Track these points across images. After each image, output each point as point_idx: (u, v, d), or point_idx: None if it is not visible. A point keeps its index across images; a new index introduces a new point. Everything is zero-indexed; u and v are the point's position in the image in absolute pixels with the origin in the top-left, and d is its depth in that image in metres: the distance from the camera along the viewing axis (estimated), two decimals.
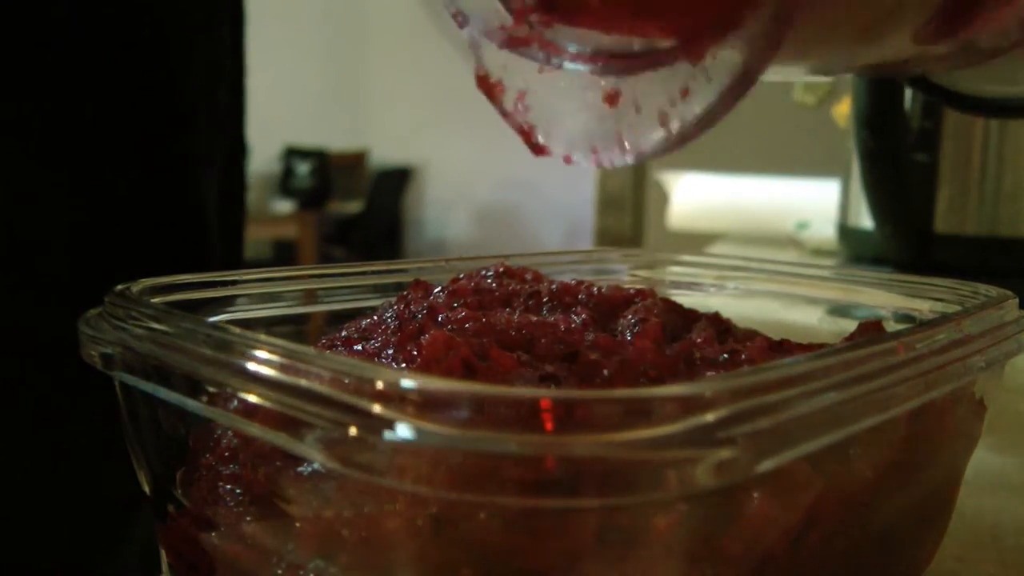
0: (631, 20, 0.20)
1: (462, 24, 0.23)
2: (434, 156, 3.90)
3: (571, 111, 0.23)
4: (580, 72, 0.22)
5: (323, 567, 0.19)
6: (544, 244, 3.66)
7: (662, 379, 0.22)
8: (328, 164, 3.81)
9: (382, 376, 0.17)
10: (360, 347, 0.24)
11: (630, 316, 0.27)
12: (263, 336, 0.20)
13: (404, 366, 0.22)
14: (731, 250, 1.00)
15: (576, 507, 0.16)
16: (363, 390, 0.16)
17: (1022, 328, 0.25)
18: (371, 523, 0.18)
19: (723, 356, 0.24)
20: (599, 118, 0.22)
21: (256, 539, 0.21)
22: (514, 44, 0.22)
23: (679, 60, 0.20)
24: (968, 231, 0.72)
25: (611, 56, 0.22)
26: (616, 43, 0.21)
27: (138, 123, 0.48)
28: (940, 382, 0.22)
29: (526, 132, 0.23)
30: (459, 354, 0.21)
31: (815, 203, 1.17)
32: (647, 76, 0.21)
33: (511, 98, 0.23)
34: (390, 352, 0.23)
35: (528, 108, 0.23)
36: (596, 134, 0.22)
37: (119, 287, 0.25)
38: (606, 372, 0.22)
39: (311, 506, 0.19)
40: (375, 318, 0.27)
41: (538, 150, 0.23)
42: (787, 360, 0.19)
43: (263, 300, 0.30)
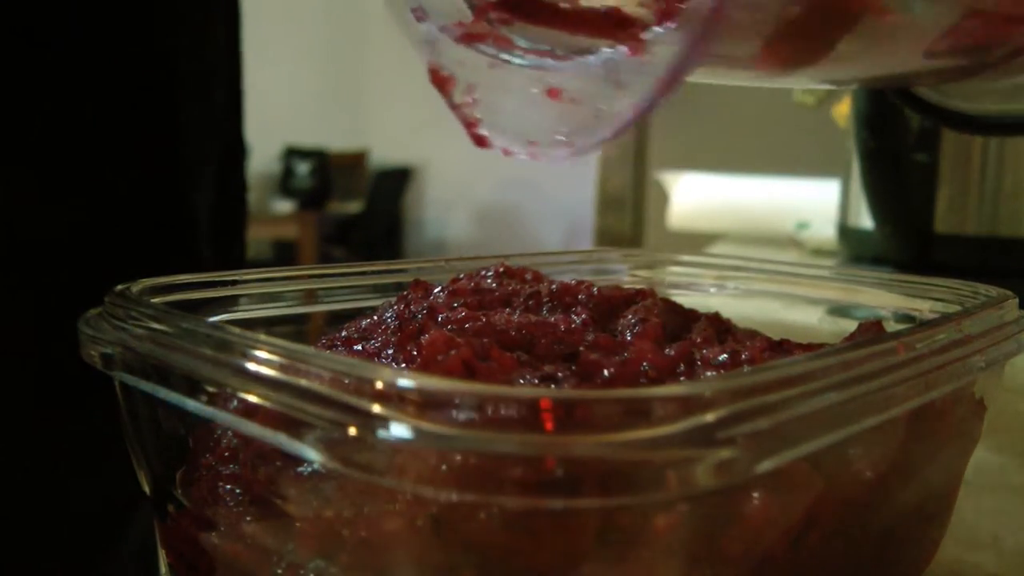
0: (591, 20, 0.21)
1: (421, 18, 0.24)
2: (434, 156, 3.90)
3: (516, 106, 0.23)
4: (526, 68, 0.23)
5: (323, 567, 0.19)
6: (544, 244, 3.66)
7: (662, 379, 0.22)
8: (328, 164, 3.81)
9: (382, 376, 0.17)
10: (360, 347, 0.25)
11: (630, 316, 0.27)
12: (263, 336, 0.20)
13: (404, 366, 0.22)
14: (731, 250, 1.00)
15: (576, 507, 0.16)
16: (363, 390, 0.16)
17: (1022, 328, 0.25)
18: (371, 523, 0.18)
19: (723, 356, 0.24)
20: (541, 113, 0.22)
21: (256, 539, 0.21)
22: (470, 39, 0.23)
23: (620, 51, 0.20)
24: (968, 231, 0.71)
25: (557, 55, 0.22)
26: (571, 41, 0.22)
27: (135, 123, 0.48)
28: (940, 382, 0.22)
29: (471, 124, 0.24)
30: (459, 354, 0.21)
31: (815, 203, 1.17)
32: (587, 73, 0.21)
33: (460, 91, 0.24)
34: (390, 352, 0.23)
35: (476, 102, 0.24)
36: (537, 128, 0.22)
37: (119, 287, 0.25)
38: (606, 372, 0.21)
39: (311, 506, 0.19)
40: (375, 318, 0.27)
41: (480, 142, 0.24)
42: (787, 360, 0.19)
43: (263, 300, 0.30)
